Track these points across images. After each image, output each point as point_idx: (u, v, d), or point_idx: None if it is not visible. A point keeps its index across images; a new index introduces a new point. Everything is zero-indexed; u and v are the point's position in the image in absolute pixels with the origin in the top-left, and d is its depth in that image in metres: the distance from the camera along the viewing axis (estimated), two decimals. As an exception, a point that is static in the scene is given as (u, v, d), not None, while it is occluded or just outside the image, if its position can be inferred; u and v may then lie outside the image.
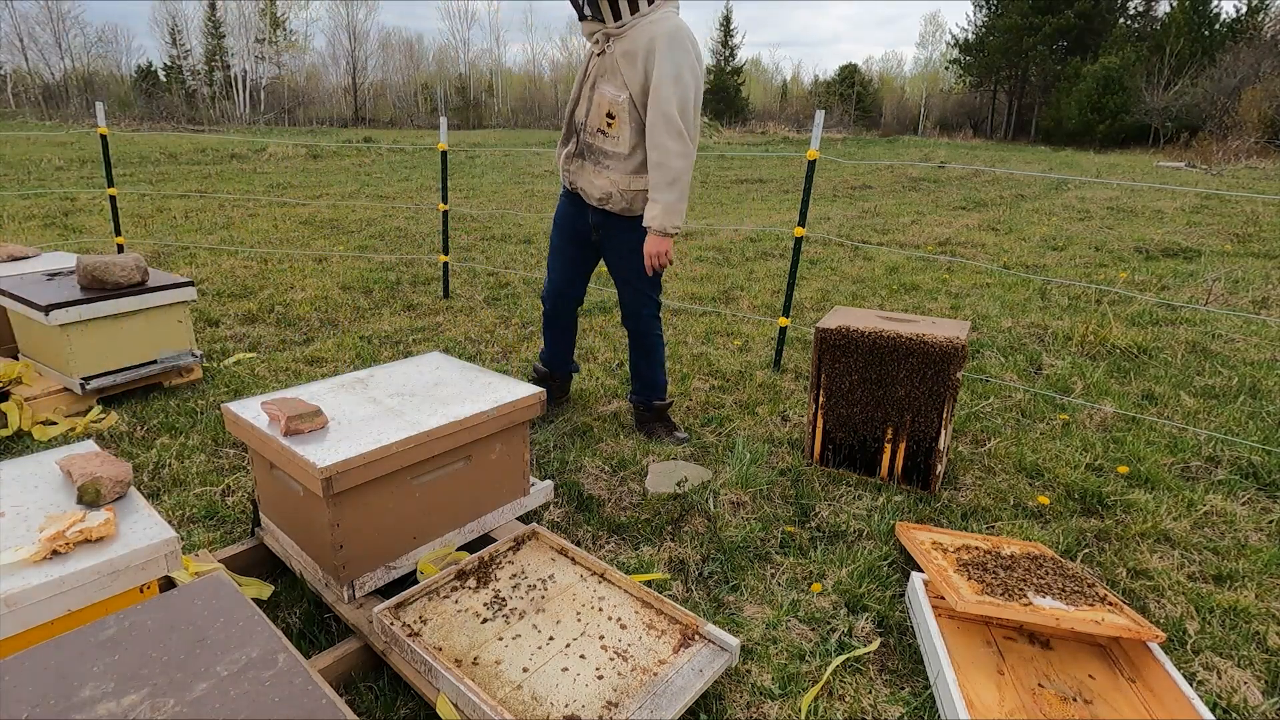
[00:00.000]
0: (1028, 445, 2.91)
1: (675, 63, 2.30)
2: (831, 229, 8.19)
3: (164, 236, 6.84)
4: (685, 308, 4.86)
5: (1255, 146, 22.45)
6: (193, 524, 2.25)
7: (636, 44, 2.36)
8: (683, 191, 2.42)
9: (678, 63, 2.31)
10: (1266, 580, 2.11)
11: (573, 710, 1.45)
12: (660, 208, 2.44)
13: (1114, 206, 10.00)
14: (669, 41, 2.30)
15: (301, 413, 1.76)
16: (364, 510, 1.74)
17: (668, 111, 2.33)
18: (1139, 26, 39.66)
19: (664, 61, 2.31)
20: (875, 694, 1.67)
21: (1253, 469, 2.76)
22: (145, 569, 1.42)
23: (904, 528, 2.20)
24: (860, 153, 21.26)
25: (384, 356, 3.83)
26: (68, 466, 1.60)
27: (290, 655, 1.05)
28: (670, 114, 2.33)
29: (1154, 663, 1.66)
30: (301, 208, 8.83)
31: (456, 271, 5.70)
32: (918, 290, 5.44)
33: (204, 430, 2.87)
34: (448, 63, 56.33)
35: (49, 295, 2.90)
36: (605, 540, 2.25)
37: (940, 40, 60.92)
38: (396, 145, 18.94)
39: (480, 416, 1.92)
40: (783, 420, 3.16)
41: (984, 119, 44.82)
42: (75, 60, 42.56)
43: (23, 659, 1.02)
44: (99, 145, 5.79)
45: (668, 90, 2.32)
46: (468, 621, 1.68)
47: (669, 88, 2.32)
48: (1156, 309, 4.87)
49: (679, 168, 2.38)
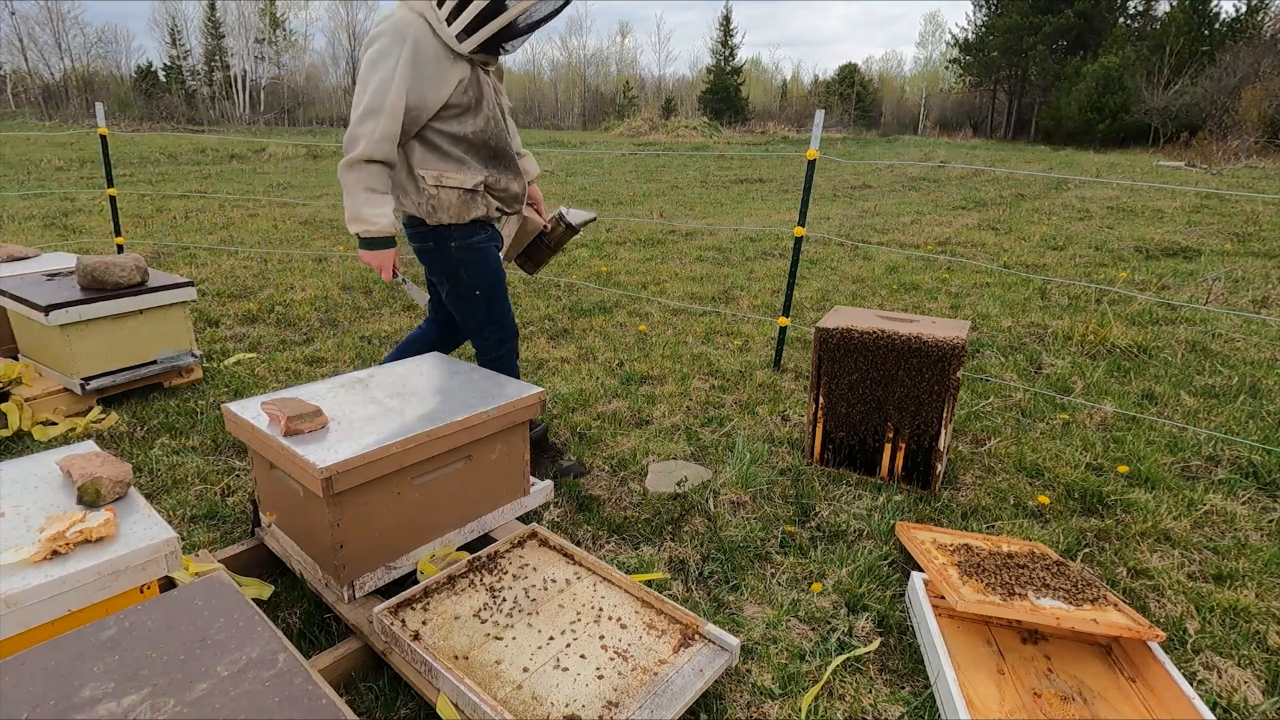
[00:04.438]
0: (1028, 445, 2.91)
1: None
2: (831, 229, 8.19)
3: (164, 237, 6.84)
4: (685, 308, 4.86)
5: (1255, 146, 22.44)
6: (193, 524, 2.25)
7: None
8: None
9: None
10: (1266, 580, 2.11)
11: (573, 710, 1.45)
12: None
13: (1114, 206, 10.00)
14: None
15: (301, 413, 1.76)
16: (364, 510, 1.74)
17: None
18: (1139, 26, 39.66)
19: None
20: (875, 694, 1.67)
21: (1253, 468, 2.75)
22: (145, 569, 1.42)
23: (904, 527, 2.20)
24: (860, 152, 21.26)
25: (384, 356, 3.82)
26: (68, 467, 1.59)
27: (290, 655, 1.05)
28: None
29: (1154, 662, 1.66)
30: (301, 208, 8.83)
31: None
32: (918, 290, 5.44)
33: (204, 430, 2.87)
34: (447, 63, 56.17)
35: (49, 295, 2.90)
36: (605, 540, 2.25)
37: (940, 40, 60.97)
38: (396, 145, 18.92)
39: (480, 416, 1.92)
40: (783, 420, 3.16)
41: (984, 118, 44.82)
42: (75, 60, 42.56)
43: (23, 659, 1.02)
44: (99, 145, 5.79)
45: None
46: (468, 621, 1.68)
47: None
48: (1156, 308, 4.87)
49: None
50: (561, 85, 57.71)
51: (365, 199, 2.09)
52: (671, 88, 60.20)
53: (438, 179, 2.17)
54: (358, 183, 2.08)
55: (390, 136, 2.05)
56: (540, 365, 3.76)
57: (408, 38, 2.02)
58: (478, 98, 2.18)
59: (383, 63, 2.03)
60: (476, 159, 2.23)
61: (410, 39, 2.02)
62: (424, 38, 2.04)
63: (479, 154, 2.23)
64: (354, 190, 2.09)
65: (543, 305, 4.84)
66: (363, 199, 2.09)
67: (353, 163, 2.06)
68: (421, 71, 2.04)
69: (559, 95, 56.56)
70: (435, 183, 2.17)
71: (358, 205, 2.09)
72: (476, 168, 2.23)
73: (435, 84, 2.07)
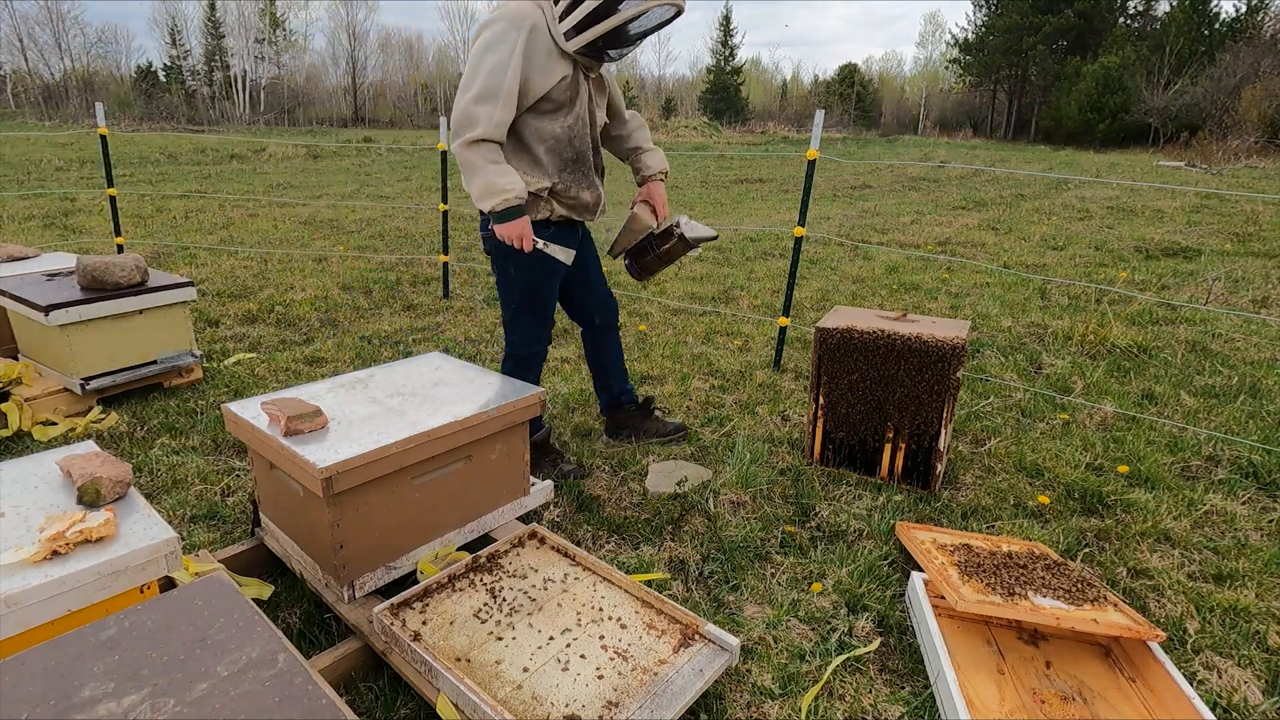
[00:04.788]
0: (1028, 445, 2.91)
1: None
2: (831, 229, 8.19)
3: (164, 237, 6.84)
4: (685, 307, 4.86)
5: (1255, 146, 22.43)
6: (193, 524, 2.25)
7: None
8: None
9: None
10: (1266, 580, 2.11)
11: (573, 710, 1.45)
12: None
13: (1114, 206, 10.00)
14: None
15: (301, 413, 1.76)
16: (364, 510, 1.74)
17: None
18: (1139, 26, 39.65)
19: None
20: (875, 694, 1.67)
21: (1253, 468, 2.75)
22: (145, 569, 1.42)
23: (904, 527, 2.20)
24: (860, 152, 21.26)
25: (384, 356, 3.83)
26: (68, 467, 1.59)
27: (290, 655, 1.05)
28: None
29: (1154, 662, 1.66)
30: (301, 208, 8.83)
31: (456, 271, 5.70)
32: (918, 290, 5.44)
33: (204, 430, 2.87)
34: (448, 63, 56.33)
35: (49, 295, 2.90)
36: (605, 540, 2.25)
37: (940, 40, 60.97)
38: (396, 145, 18.94)
39: (480, 416, 1.92)
40: (783, 420, 3.16)
41: (984, 118, 44.82)
42: (75, 60, 42.57)
43: (23, 659, 1.02)
44: (99, 145, 5.79)
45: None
46: (468, 621, 1.67)
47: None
48: (1156, 308, 4.86)
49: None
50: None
51: (495, 170, 2.10)
52: (671, 88, 60.23)
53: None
54: (482, 158, 2.09)
55: (505, 121, 2.09)
56: (540, 365, 3.75)
57: (525, 25, 2.06)
58: (573, 97, 2.20)
59: (499, 47, 2.06)
60: (553, 161, 2.24)
61: (528, 27, 2.07)
62: (540, 27, 2.09)
63: (558, 155, 2.24)
64: (480, 165, 2.09)
65: (543, 305, 4.84)
66: (492, 171, 2.09)
67: (472, 141, 2.08)
68: (533, 60, 2.08)
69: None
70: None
71: (489, 178, 2.09)
72: (550, 171, 2.24)
73: (542, 74, 2.11)
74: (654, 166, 2.56)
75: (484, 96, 2.06)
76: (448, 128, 4.89)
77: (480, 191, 2.10)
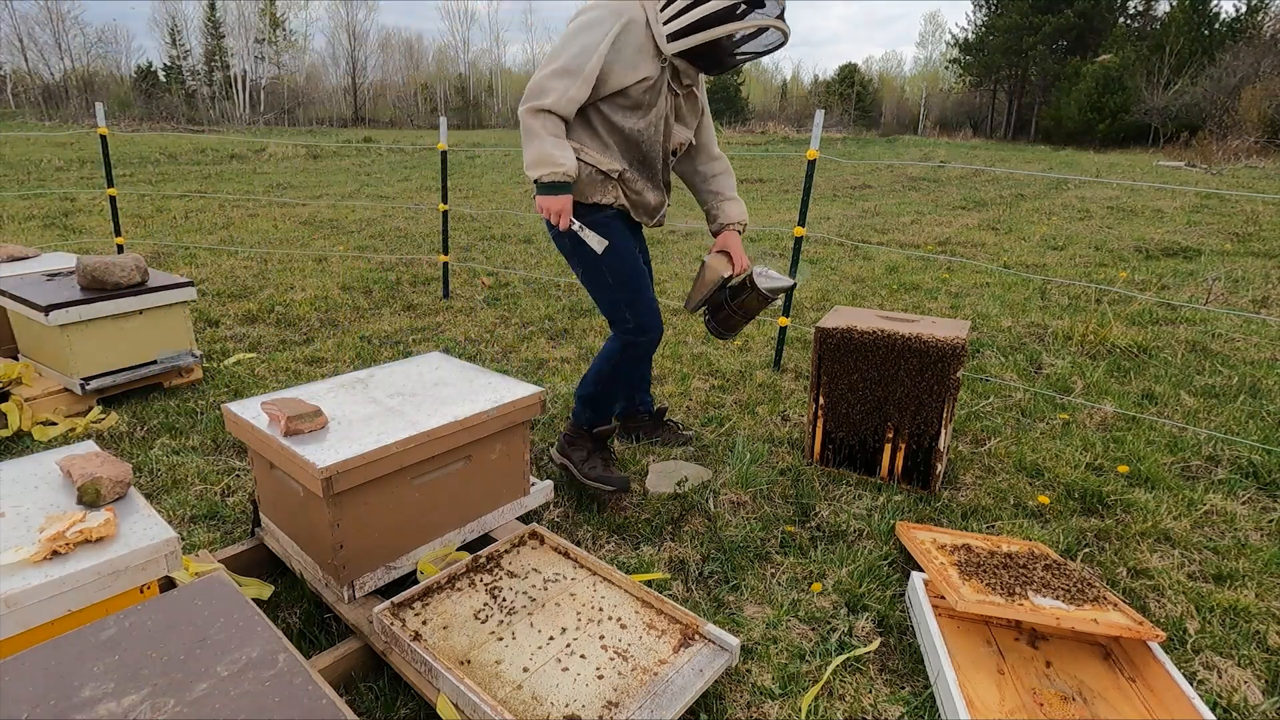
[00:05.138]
0: (1028, 445, 2.91)
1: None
2: (831, 229, 8.19)
3: (164, 237, 6.84)
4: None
5: (1255, 146, 22.43)
6: (193, 524, 2.25)
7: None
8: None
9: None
10: (1266, 580, 2.11)
11: (573, 710, 1.45)
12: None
13: (1114, 206, 10.00)
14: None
15: (301, 413, 1.76)
16: (364, 510, 1.74)
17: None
18: (1139, 26, 39.65)
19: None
20: (875, 694, 1.67)
21: (1253, 468, 2.75)
22: (145, 569, 1.42)
23: (904, 527, 2.20)
24: (860, 152, 21.25)
25: (384, 356, 3.83)
26: (68, 467, 1.59)
27: (290, 655, 1.05)
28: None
29: (1154, 662, 1.66)
30: (301, 208, 8.83)
31: (456, 271, 5.70)
32: (918, 290, 5.44)
33: (204, 430, 2.87)
34: (447, 63, 56.38)
35: (49, 295, 2.90)
36: (605, 540, 2.25)
37: (940, 40, 60.98)
38: (396, 145, 18.95)
39: (480, 416, 1.92)
40: (783, 420, 3.16)
41: (984, 118, 44.81)
42: (75, 60, 42.57)
43: (23, 659, 1.02)
44: (99, 145, 5.79)
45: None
46: (468, 621, 1.67)
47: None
48: (1156, 308, 4.86)
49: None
50: (561, 85, 57.59)
51: (553, 143, 2.07)
52: (671, 88, 60.07)
53: (577, 150, 2.16)
54: (543, 127, 2.08)
55: (577, 101, 2.08)
56: (540, 365, 3.76)
57: (624, 16, 2.05)
58: (651, 102, 2.17)
59: (594, 29, 2.05)
60: (624, 153, 2.23)
61: (626, 19, 2.06)
62: (638, 23, 2.07)
63: (626, 151, 2.23)
64: (539, 133, 2.08)
65: (543, 305, 4.84)
66: (551, 142, 2.07)
67: (538, 110, 2.06)
68: (621, 52, 2.07)
69: (559, 95, 56.46)
70: (574, 153, 2.15)
71: (545, 148, 2.07)
72: (619, 157, 2.22)
73: (626, 68, 2.08)
74: (733, 216, 2.48)
75: (564, 72, 2.05)
76: (448, 128, 4.89)
77: (533, 159, 2.08)
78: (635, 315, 2.30)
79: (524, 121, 2.09)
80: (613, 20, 2.05)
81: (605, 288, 2.29)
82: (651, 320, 2.34)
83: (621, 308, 2.30)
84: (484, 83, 56.22)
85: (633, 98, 2.14)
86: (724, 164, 2.52)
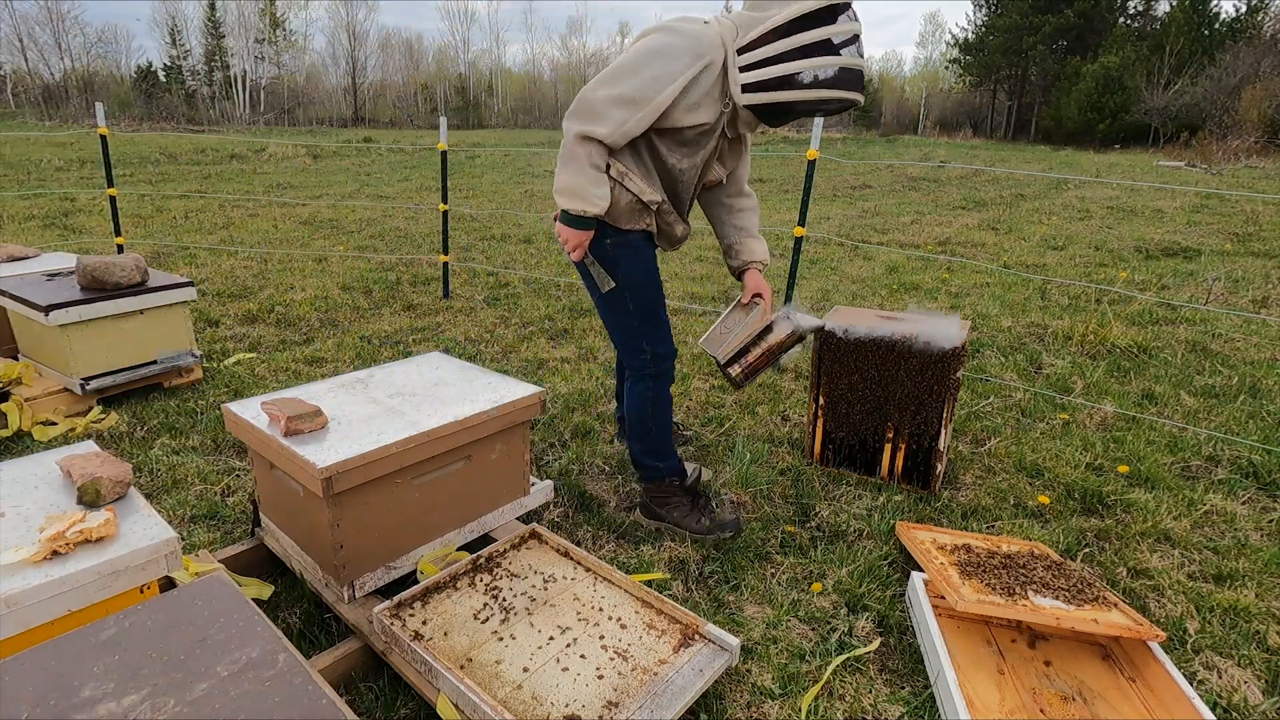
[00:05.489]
0: (1028, 445, 2.91)
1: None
2: (831, 229, 8.18)
3: (164, 237, 6.84)
4: (685, 308, 4.86)
5: (1255, 146, 22.43)
6: (193, 524, 2.25)
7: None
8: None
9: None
10: (1266, 580, 2.11)
11: (573, 710, 1.45)
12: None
13: (1114, 206, 10.00)
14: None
15: (301, 413, 1.76)
16: (364, 510, 1.74)
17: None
18: (1139, 26, 39.66)
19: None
20: (875, 694, 1.67)
21: (1253, 468, 2.75)
22: (145, 569, 1.42)
23: (904, 527, 2.20)
24: (860, 152, 21.25)
25: (384, 356, 3.83)
26: (68, 467, 1.59)
27: (290, 655, 1.05)
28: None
29: (1154, 662, 1.66)
30: (301, 208, 8.83)
31: (456, 271, 5.71)
32: (918, 290, 5.44)
33: (204, 430, 2.87)
34: (447, 63, 56.42)
35: (49, 295, 2.90)
36: (605, 540, 2.25)
37: (940, 40, 60.98)
38: (396, 145, 18.95)
39: (480, 416, 1.92)
40: (783, 420, 3.16)
41: (984, 118, 44.81)
42: (75, 60, 42.58)
43: (23, 659, 1.02)
44: (99, 146, 5.79)
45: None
46: (468, 621, 1.67)
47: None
48: (1156, 308, 4.86)
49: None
50: (562, 85, 57.70)
51: (591, 177, 1.95)
52: (671, 88, 60.08)
53: (621, 174, 2.03)
54: (587, 157, 1.94)
55: (632, 135, 1.94)
56: (540, 365, 3.76)
57: (705, 59, 1.90)
58: (702, 145, 2.06)
59: (669, 61, 1.89)
60: (662, 183, 2.12)
61: (705, 62, 1.90)
62: (714, 69, 1.92)
63: (665, 185, 2.12)
64: (581, 163, 1.95)
65: (543, 305, 4.84)
66: (590, 175, 1.95)
67: (588, 137, 1.92)
68: (689, 95, 1.92)
69: (559, 95, 56.56)
70: (618, 177, 2.02)
71: (582, 182, 1.95)
72: (659, 188, 2.11)
73: (688, 111, 1.95)
74: (757, 254, 2.37)
75: (628, 100, 1.88)
76: (448, 128, 4.89)
77: (567, 188, 1.96)
78: (653, 345, 2.21)
79: (568, 143, 1.95)
80: (692, 60, 1.89)
81: (625, 314, 2.19)
82: (669, 348, 2.25)
83: (639, 338, 2.20)
84: (484, 83, 56.25)
85: (685, 138, 2.02)
86: (752, 201, 2.40)
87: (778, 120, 2.01)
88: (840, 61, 1.86)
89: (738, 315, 2.37)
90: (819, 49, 1.85)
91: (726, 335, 2.35)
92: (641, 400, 2.26)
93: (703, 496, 2.36)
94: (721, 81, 1.96)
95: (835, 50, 1.86)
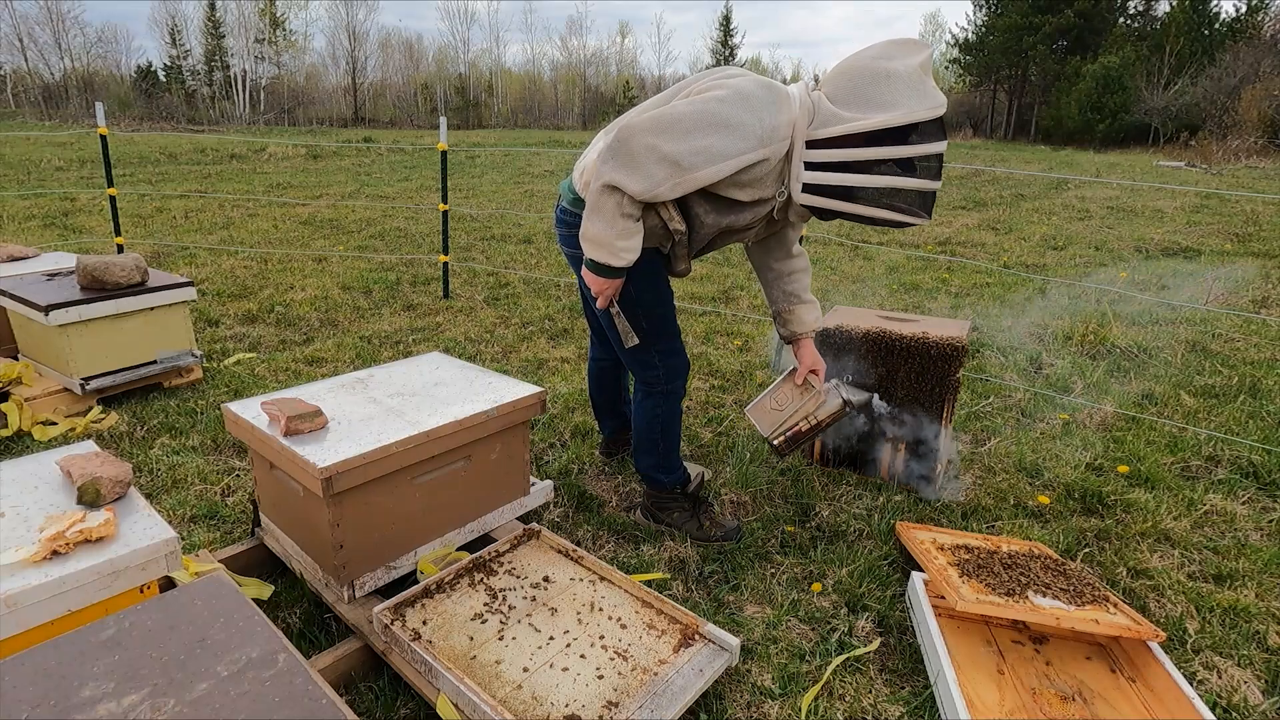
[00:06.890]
0: (1028, 445, 2.91)
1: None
2: (831, 228, 8.18)
3: (164, 236, 6.84)
4: (685, 308, 4.86)
5: (1255, 146, 22.44)
6: (193, 524, 2.25)
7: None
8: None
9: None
10: (1266, 580, 2.11)
11: (573, 710, 1.45)
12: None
13: (1114, 206, 10.00)
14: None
15: (301, 413, 1.76)
16: (364, 510, 1.74)
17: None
18: (1139, 26, 39.67)
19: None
20: (875, 694, 1.67)
21: (1253, 468, 2.75)
22: (145, 569, 1.42)
23: (904, 527, 2.20)
24: (860, 152, 21.22)
25: (384, 356, 3.83)
26: (68, 467, 1.59)
27: (290, 655, 1.05)
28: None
29: (1154, 662, 1.66)
30: (301, 208, 8.83)
31: (456, 271, 5.70)
32: (918, 290, 5.44)
33: (204, 430, 2.87)
34: (447, 63, 56.42)
35: (49, 295, 2.90)
36: (605, 540, 2.25)
37: (940, 40, 60.91)
38: (396, 145, 18.95)
39: (480, 416, 1.92)
40: (783, 420, 3.15)
41: (984, 118, 44.81)
42: (75, 60, 42.59)
43: (23, 659, 1.02)
44: (99, 145, 5.79)
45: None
46: (468, 621, 1.67)
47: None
48: (1156, 308, 4.87)
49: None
50: (562, 85, 57.74)
51: (621, 230, 1.81)
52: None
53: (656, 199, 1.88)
54: (618, 207, 1.78)
55: (665, 199, 1.78)
56: (540, 365, 3.76)
57: (767, 148, 1.75)
58: (733, 213, 1.90)
59: (733, 139, 1.72)
60: (687, 226, 1.97)
61: (769, 151, 1.75)
62: (778, 157, 1.78)
63: (690, 230, 1.97)
64: (612, 216, 1.79)
65: (543, 305, 4.84)
66: (620, 228, 1.80)
67: (618, 189, 1.75)
68: (743, 177, 1.78)
69: (559, 95, 56.61)
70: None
71: (611, 236, 1.81)
72: (682, 221, 1.94)
73: (738, 188, 1.81)
74: (809, 323, 2.23)
75: (670, 162, 1.71)
76: (448, 128, 4.89)
77: (596, 239, 1.83)
78: (665, 361, 2.14)
79: (599, 191, 1.78)
80: (755, 146, 1.73)
81: (638, 333, 2.10)
82: (682, 363, 2.18)
83: (652, 354, 2.13)
84: (484, 82, 56.24)
85: (720, 203, 1.87)
86: (803, 261, 2.24)
87: (829, 218, 1.87)
88: (915, 184, 1.72)
89: (788, 390, 2.27)
90: (896, 168, 1.72)
91: (778, 414, 2.24)
92: (652, 416, 2.21)
93: (704, 501, 2.35)
94: (781, 169, 1.82)
95: (914, 171, 1.72)
